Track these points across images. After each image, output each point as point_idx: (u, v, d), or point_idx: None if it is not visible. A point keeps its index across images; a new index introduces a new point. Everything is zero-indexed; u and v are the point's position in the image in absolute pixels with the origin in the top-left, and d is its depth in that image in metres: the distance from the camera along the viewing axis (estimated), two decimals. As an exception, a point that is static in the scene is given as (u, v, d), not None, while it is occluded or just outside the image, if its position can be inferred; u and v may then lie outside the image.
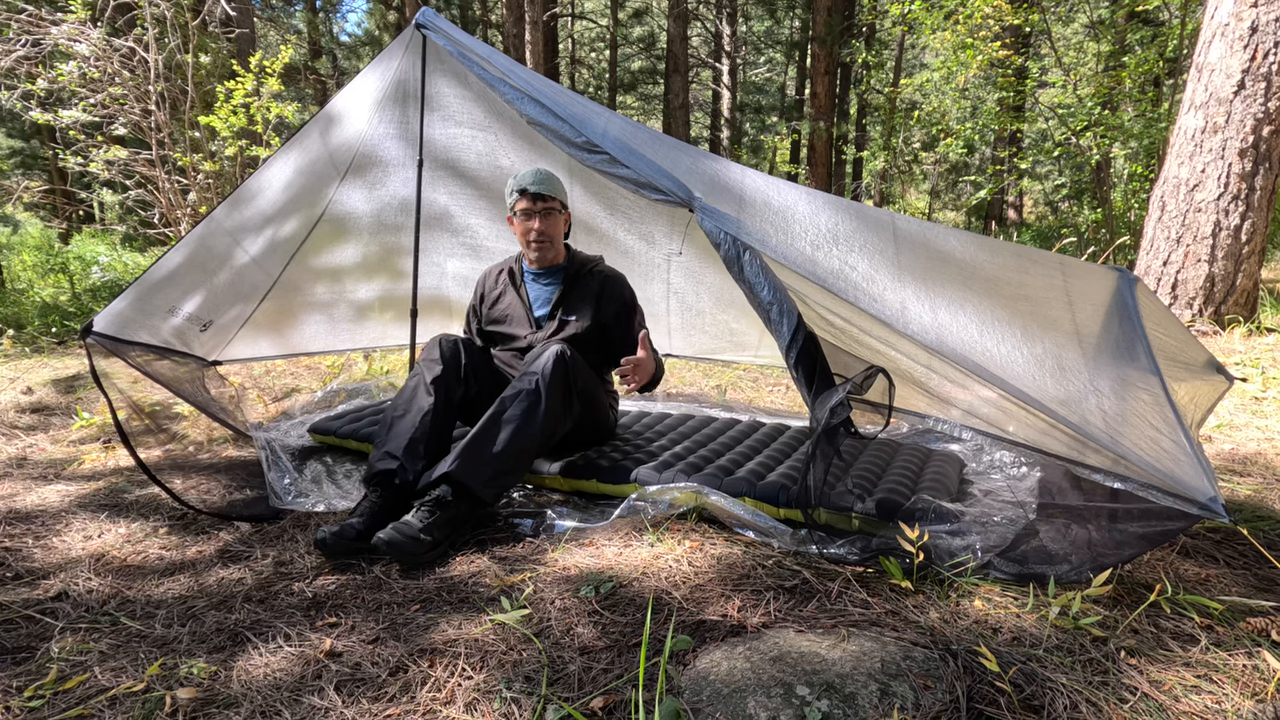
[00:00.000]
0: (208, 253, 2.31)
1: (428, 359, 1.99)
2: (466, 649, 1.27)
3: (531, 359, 1.91)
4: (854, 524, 1.68)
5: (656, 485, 1.85)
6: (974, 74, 8.04)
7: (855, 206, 1.89)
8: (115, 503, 2.06)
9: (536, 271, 2.23)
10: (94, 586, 1.56)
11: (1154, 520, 1.35)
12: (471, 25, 16.90)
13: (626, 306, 2.23)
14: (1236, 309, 4.07)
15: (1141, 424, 1.42)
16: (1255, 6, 3.80)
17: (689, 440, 2.29)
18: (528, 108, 1.78)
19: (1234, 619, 1.33)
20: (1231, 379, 1.92)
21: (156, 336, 2.31)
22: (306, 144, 2.31)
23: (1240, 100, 3.88)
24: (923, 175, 16.98)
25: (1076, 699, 1.08)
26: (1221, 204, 3.98)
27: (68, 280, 6.50)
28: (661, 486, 1.83)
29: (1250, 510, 1.89)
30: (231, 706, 1.14)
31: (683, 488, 1.80)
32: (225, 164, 5.93)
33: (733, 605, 1.39)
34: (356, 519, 1.71)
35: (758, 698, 1.06)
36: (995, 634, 1.27)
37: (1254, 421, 2.69)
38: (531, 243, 2.15)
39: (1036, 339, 1.60)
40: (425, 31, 2.03)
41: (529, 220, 2.12)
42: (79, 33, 5.25)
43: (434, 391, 1.92)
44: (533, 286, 2.24)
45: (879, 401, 1.75)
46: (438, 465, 1.77)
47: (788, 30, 17.60)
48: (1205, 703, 1.09)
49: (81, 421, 2.89)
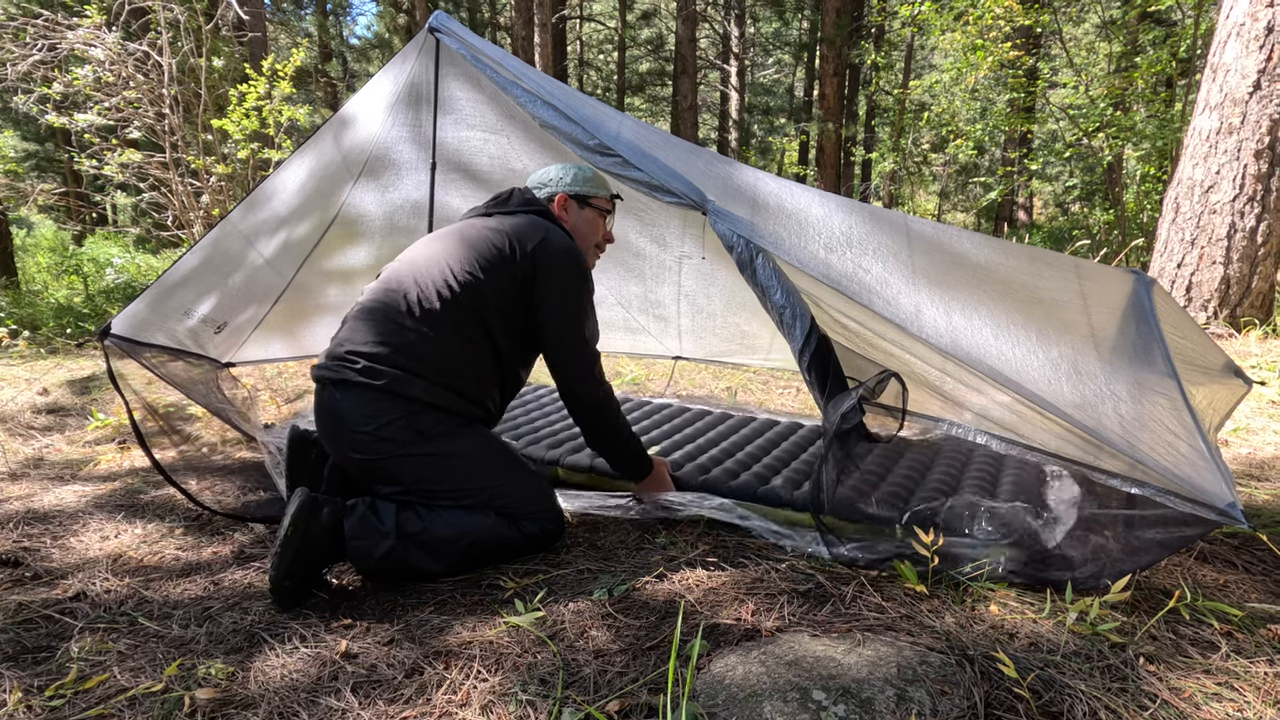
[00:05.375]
0: (223, 255, 2.33)
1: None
2: (481, 651, 1.27)
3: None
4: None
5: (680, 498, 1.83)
6: (984, 75, 8.00)
7: (869, 209, 1.89)
8: (131, 503, 2.08)
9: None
10: (112, 587, 1.57)
11: (1172, 526, 1.34)
12: (480, 27, 16.98)
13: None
14: (1252, 311, 4.03)
15: (1159, 428, 1.41)
16: (1271, 6, 3.76)
17: (701, 439, 2.30)
18: (540, 111, 1.79)
19: (1254, 626, 1.31)
20: (1250, 382, 1.91)
21: (172, 338, 2.33)
22: (321, 147, 2.32)
23: (1256, 101, 3.85)
24: (932, 177, 16.91)
25: (1096, 706, 1.08)
26: (1237, 206, 3.94)
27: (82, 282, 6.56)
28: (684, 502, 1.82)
29: (1269, 515, 1.87)
30: (249, 707, 1.14)
31: (710, 509, 1.79)
32: (238, 166, 5.97)
33: (746, 609, 1.38)
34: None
35: (774, 702, 1.06)
36: (1012, 639, 1.26)
37: (1271, 425, 2.67)
38: (602, 247, 1.97)
39: (1052, 342, 1.59)
40: (438, 35, 2.04)
41: (608, 227, 1.96)
42: (94, 37, 5.31)
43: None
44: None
45: (892, 405, 1.74)
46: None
47: (796, 31, 17.58)
48: (1227, 710, 1.08)
49: (97, 422, 2.91)
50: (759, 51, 18.92)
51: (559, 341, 1.71)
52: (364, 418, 1.56)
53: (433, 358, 1.59)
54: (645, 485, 1.88)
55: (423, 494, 1.60)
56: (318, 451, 1.82)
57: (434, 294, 1.60)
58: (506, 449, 1.69)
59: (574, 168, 1.90)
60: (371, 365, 1.56)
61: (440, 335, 1.59)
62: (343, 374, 1.58)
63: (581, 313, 1.71)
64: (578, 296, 1.70)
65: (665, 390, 3.50)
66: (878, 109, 15.36)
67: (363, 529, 1.51)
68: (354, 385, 1.57)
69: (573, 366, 1.72)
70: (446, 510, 1.58)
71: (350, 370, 1.57)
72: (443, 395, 1.60)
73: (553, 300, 1.67)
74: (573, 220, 1.87)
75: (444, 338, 1.60)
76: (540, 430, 2.47)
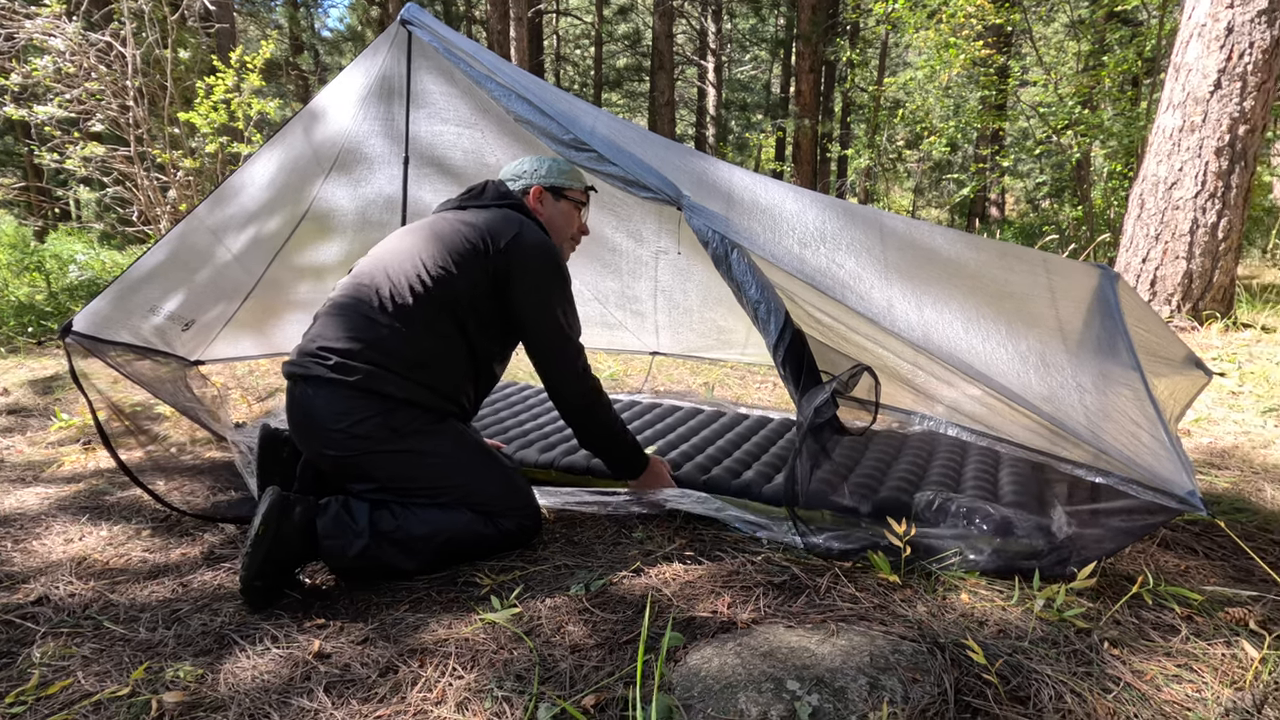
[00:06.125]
0: (189, 250, 2.28)
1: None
2: (457, 648, 1.27)
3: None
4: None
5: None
6: (957, 73, 8.11)
7: (843, 205, 1.90)
8: (96, 505, 2.03)
9: None
10: (76, 590, 1.53)
11: (1135, 514, 1.37)
12: (455, 21, 16.78)
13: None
14: (1214, 305, 4.14)
15: (1122, 419, 1.45)
16: (1231, 7, 3.86)
17: (673, 434, 2.31)
18: (514, 105, 1.77)
19: (1213, 609, 1.35)
20: (1210, 373, 1.96)
21: (137, 336, 2.28)
22: (290, 140, 2.28)
23: (1216, 100, 3.95)
24: (906, 173, 17.12)
25: (1061, 690, 1.10)
26: (1199, 202, 4.04)
27: (44, 279, 6.37)
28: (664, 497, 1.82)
29: (1228, 503, 1.92)
30: (219, 709, 1.12)
31: (688, 504, 1.78)
32: (206, 161, 5.85)
33: (723, 601, 1.39)
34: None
35: (749, 693, 1.07)
36: (982, 627, 1.28)
37: (1231, 415, 2.75)
38: (577, 239, 1.96)
39: (1021, 335, 1.62)
40: (411, 27, 2.01)
41: (583, 219, 1.95)
42: (53, 26, 5.15)
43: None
44: None
45: (866, 399, 1.76)
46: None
47: (773, 28, 17.65)
48: (1186, 691, 1.11)
49: (60, 423, 2.84)
50: (736, 48, 18.96)
51: (539, 338, 1.70)
52: (337, 415, 1.54)
53: (406, 353, 1.57)
54: (642, 482, 1.85)
55: (397, 491, 1.58)
56: (290, 450, 1.79)
57: (406, 289, 1.58)
58: (481, 445, 1.68)
59: (548, 160, 1.88)
60: (344, 361, 1.54)
61: (413, 331, 1.58)
62: (315, 370, 1.56)
63: (560, 307, 1.70)
64: (555, 291, 1.69)
65: (643, 386, 3.50)
66: (853, 106, 15.51)
67: (336, 528, 1.49)
68: (326, 382, 1.55)
69: (556, 363, 1.71)
70: (421, 508, 1.57)
71: (322, 367, 1.55)
72: (416, 391, 1.58)
73: (529, 297, 1.66)
74: (548, 213, 1.85)
75: (417, 333, 1.58)
76: (530, 434, 2.41)
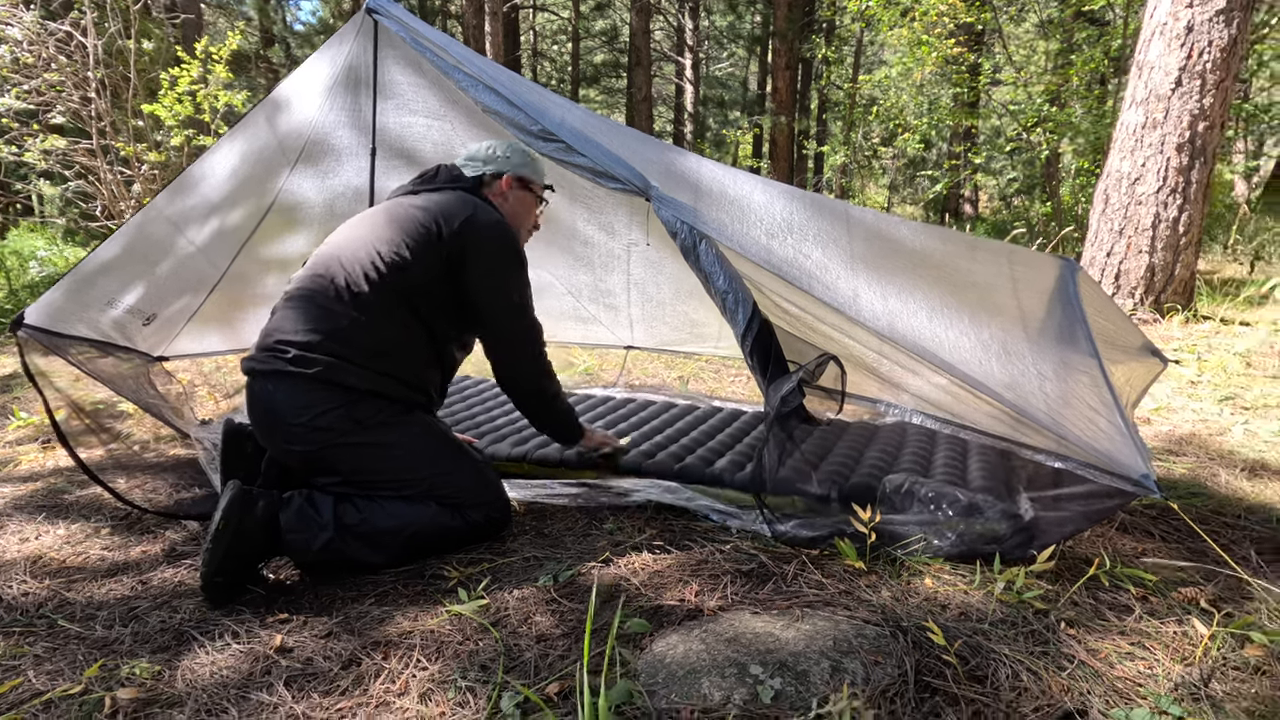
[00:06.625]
0: (147, 242, 2.22)
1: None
2: (422, 640, 1.26)
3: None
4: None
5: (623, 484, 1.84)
6: (930, 70, 8.20)
7: (810, 196, 1.91)
8: (54, 504, 1.98)
9: None
10: (30, 589, 1.49)
11: (1094, 498, 1.40)
12: (430, 15, 16.59)
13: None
14: (1175, 298, 4.24)
15: (1081, 405, 1.48)
16: (1191, 6, 3.95)
17: (646, 427, 2.31)
18: (483, 95, 1.76)
19: (1167, 589, 1.39)
20: (1165, 361, 2.01)
21: (95, 329, 2.22)
22: (253, 130, 2.24)
23: (1178, 97, 4.04)
24: (882, 170, 17.28)
25: (1018, 669, 1.12)
26: (1161, 197, 4.13)
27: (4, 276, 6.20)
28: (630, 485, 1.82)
29: (1185, 488, 1.97)
30: (175, 705, 1.10)
31: (658, 493, 1.79)
32: (171, 154, 5.72)
33: (690, 590, 1.40)
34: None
35: (712, 678, 1.07)
36: (944, 610, 1.30)
37: (1189, 404, 2.82)
38: (533, 231, 1.98)
39: (983, 324, 1.65)
40: (377, 16, 1.98)
41: (539, 217, 1.97)
42: (10, 15, 5.00)
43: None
44: None
45: (832, 387, 1.78)
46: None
47: (749, 25, 17.69)
48: (1138, 668, 1.14)
49: (19, 422, 2.76)
50: (713, 44, 18.98)
51: (494, 320, 1.68)
52: (298, 409, 1.52)
53: (366, 343, 1.55)
54: (586, 444, 1.92)
55: (362, 484, 1.56)
56: (254, 445, 1.76)
57: (362, 277, 1.56)
58: (448, 437, 1.66)
59: (517, 148, 1.87)
60: (303, 354, 1.52)
61: (372, 319, 1.56)
62: (274, 365, 1.53)
63: (514, 289, 1.68)
64: (510, 273, 1.67)
65: (618, 380, 3.49)
66: (829, 103, 15.61)
67: (299, 522, 1.47)
68: (286, 375, 1.52)
69: (511, 346, 1.71)
70: (387, 501, 1.55)
71: (281, 360, 1.52)
72: (380, 381, 1.56)
73: (484, 280, 1.64)
74: (511, 200, 1.84)
75: (376, 322, 1.56)
76: (503, 428, 2.38)
